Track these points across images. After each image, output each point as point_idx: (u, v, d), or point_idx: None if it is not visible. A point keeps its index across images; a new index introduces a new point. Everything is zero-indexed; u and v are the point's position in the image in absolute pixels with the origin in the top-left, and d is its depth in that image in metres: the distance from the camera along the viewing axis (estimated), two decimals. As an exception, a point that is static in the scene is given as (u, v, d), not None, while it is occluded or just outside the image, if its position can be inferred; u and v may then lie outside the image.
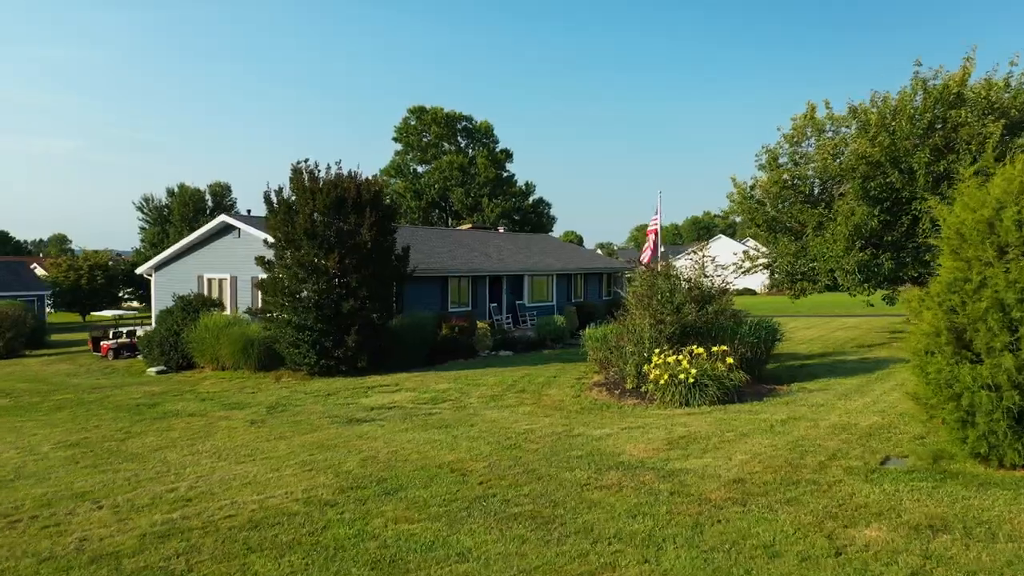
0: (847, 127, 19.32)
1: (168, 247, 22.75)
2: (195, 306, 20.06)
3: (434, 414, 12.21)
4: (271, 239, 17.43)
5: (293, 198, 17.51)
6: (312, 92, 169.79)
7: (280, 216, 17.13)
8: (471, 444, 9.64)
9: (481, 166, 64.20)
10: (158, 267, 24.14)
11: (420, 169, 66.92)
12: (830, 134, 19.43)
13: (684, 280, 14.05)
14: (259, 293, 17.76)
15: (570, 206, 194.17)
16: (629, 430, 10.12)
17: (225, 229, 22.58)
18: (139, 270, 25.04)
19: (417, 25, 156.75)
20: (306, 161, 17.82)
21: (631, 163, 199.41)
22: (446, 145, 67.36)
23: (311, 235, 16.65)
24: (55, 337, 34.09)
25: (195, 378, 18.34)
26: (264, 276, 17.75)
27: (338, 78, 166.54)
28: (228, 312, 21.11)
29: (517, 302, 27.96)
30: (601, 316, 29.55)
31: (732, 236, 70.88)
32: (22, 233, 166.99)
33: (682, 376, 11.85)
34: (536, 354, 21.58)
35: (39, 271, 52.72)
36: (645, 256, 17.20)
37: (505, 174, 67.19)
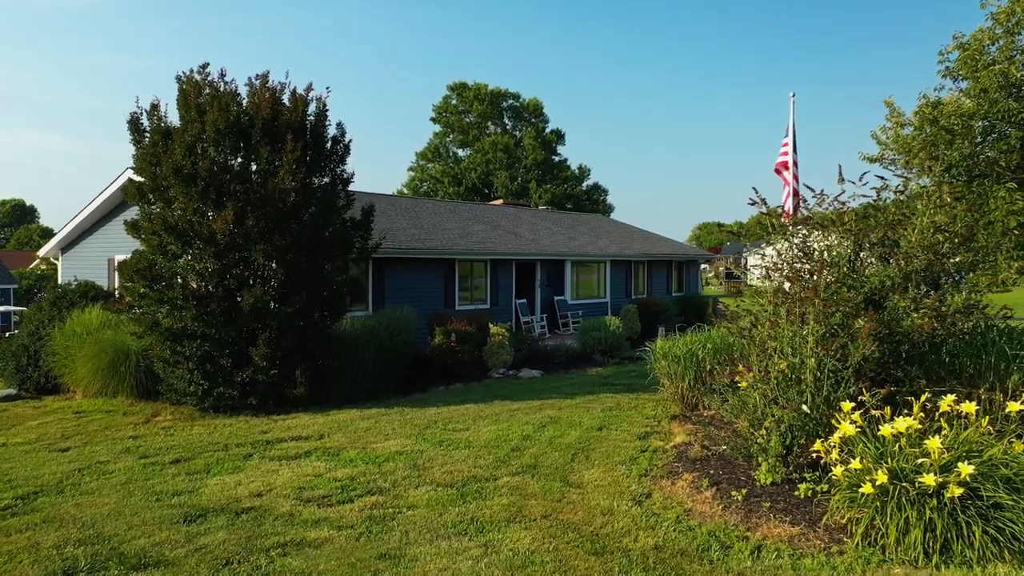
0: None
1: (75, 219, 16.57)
2: (71, 299, 13.63)
3: (303, 549, 5.19)
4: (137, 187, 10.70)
5: (176, 125, 10.78)
6: (352, 85, 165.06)
7: (148, 149, 10.41)
8: None
9: (529, 148, 57.04)
10: (65, 248, 17.99)
11: (461, 153, 60.24)
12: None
13: (873, 242, 6.52)
14: (119, 278, 11.09)
15: (629, 198, 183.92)
16: None
17: (139, 192, 16.12)
18: (41, 252, 19.01)
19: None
20: (203, 68, 11.05)
21: (690, 159, 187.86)
22: (490, 126, 60.47)
23: (188, 177, 9.84)
24: None
25: (39, 410, 11.87)
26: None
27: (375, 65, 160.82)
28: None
29: (556, 298, 20.69)
30: (671, 317, 21.97)
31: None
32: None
33: (929, 480, 4.45)
34: (577, 375, 14.31)
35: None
36: (787, 204, 9.81)
37: (556, 157, 59.79)
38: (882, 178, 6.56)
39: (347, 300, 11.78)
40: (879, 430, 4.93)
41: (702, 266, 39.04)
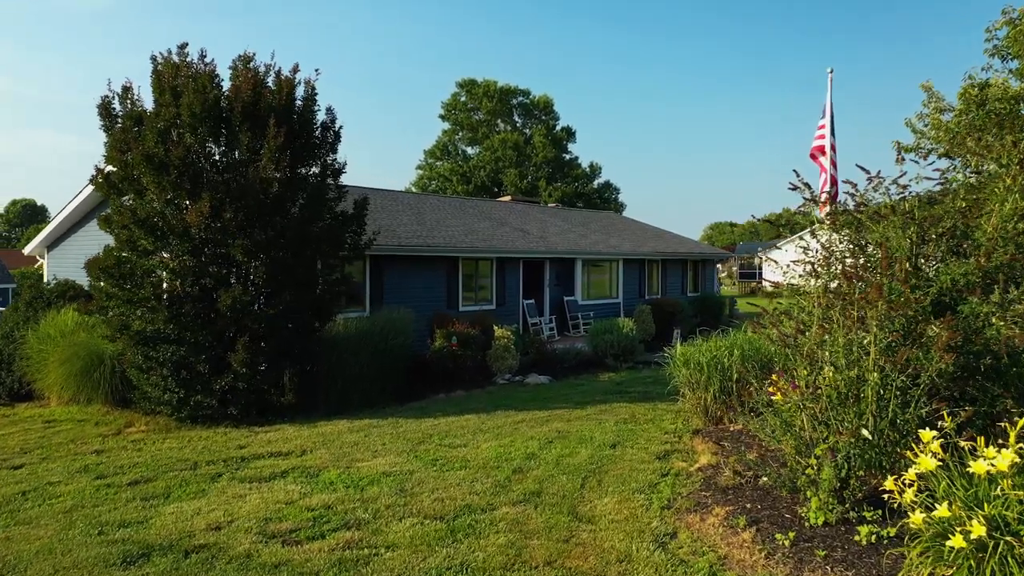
0: None
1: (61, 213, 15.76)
2: (48, 299, 12.81)
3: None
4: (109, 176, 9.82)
5: (149, 110, 9.90)
6: (365, 87, 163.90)
7: (118, 136, 9.53)
8: None
9: (539, 145, 56.04)
10: (51, 245, 17.22)
11: (470, 151, 59.32)
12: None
13: (941, 232, 5.49)
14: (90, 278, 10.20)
15: (631, 198, 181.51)
16: None
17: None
18: (27, 250, 18.24)
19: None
20: (182, 49, 10.17)
21: (691, 159, 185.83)
22: (500, 123, 59.53)
23: (160, 165, 8.95)
24: None
25: (8, 419, 11.02)
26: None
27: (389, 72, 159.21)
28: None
29: (566, 298, 19.71)
30: (687, 319, 20.93)
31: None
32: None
33: (1043, 534, 3.44)
34: (588, 381, 13.34)
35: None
36: (824, 190, 8.81)
37: (567, 155, 58.75)
38: (949, 156, 5.57)
39: (341, 300, 10.89)
40: (966, 464, 3.93)
41: (716, 265, 37.96)
